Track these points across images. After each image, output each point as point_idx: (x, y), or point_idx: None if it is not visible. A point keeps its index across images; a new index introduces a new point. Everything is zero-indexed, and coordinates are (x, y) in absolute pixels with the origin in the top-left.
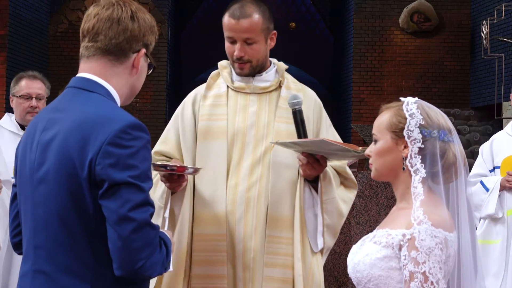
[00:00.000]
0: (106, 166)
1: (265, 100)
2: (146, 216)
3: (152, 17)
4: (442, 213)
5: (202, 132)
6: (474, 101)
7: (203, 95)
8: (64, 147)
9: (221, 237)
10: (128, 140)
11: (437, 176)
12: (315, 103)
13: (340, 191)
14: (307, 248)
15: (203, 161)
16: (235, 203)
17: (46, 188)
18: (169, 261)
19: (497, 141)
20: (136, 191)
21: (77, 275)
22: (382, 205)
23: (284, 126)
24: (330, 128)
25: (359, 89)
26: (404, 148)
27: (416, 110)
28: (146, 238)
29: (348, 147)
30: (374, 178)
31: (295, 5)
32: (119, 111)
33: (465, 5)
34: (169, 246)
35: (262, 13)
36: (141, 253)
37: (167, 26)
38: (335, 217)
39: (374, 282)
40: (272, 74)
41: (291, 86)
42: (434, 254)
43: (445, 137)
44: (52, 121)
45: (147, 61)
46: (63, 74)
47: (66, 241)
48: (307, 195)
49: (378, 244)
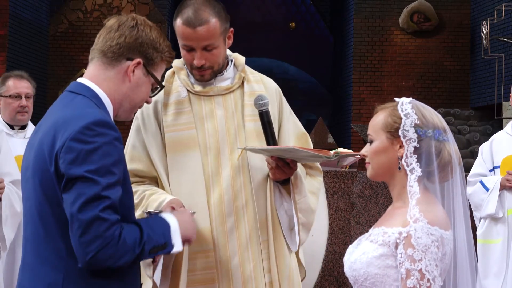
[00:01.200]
0: (66, 161)
1: (231, 100)
2: (95, 213)
3: (163, 40)
4: (438, 211)
5: (170, 144)
6: (474, 101)
7: (164, 103)
8: (40, 145)
9: (208, 253)
10: (91, 136)
11: (432, 175)
12: (275, 92)
13: (307, 183)
14: (284, 249)
15: (176, 175)
16: (223, 215)
17: (30, 185)
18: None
19: (497, 141)
20: (91, 185)
21: (53, 266)
22: (382, 205)
23: (253, 124)
24: (290, 116)
25: (359, 89)
26: (399, 148)
27: (411, 110)
28: (95, 232)
29: (319, 153)
30: (370, 178)
31: (295, 5)
32: (91, 109)
33: (465, 5)
34: (154, 226)
35: (218, 15)
36: (89, 246)
37: (167, 26)
38: (308, 214)
39: (371, 280)
40: (231, 71)
41: (250, 79)
42: (430, 251)
43: (440, 136)
44: (41, 123)
45: (147, 75)
46: (63, 74)
47: (44, 233)
48: (277, 196)
49: (374, 243)
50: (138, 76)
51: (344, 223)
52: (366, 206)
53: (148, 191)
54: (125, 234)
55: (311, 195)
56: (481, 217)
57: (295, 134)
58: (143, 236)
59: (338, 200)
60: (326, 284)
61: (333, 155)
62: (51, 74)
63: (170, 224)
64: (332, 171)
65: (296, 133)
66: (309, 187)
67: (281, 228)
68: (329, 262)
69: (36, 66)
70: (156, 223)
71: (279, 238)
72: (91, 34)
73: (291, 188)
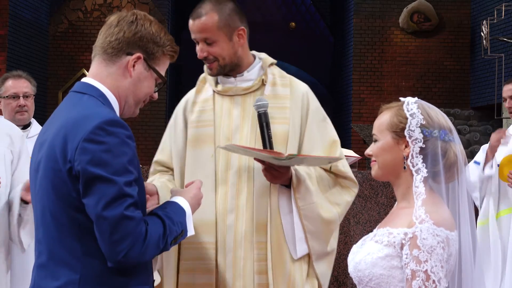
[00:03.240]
0: (82, 162)
1: (249, 102)
2: (120, 211)
3: (164, 34)
4: (443, 212)
5: (191, 139)
6: (474, 101)
7: (193, 101)
8: (51, 147)
9: (210, 245)
10: (103, 136)
11: (438, 175)
12: (302, 98)
13: (331, 194)
14: (285, 255)
15: (192, 169)
16: (226, 211)
17: (41, 186)
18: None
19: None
20: (111, 185)
21: (69, 266)
22: (382, 205)
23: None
24: (322, 123)
25: (359, 89)
26: (405, 148)
27: (416, 110)
28: (123, 231)
29: (270, 155)
30: (375, 178)
31: (295, 5)
32: (100, 108)
33: (465, 5)
34: (173, 217)
35: (219, 11)
36: (120, 245)
37: (167, 26)
38: (318, 223)
39: (376, 281)
40: (255, 72)
41: (277, 82)
42: (436, 252)
43: (446, 136)
44: (48, 124)
45: (149, 70)
46: (63, 74)
47: (57, 234)
48: (285, 201)
49: (379, 243)
50: (139, 71)
51: (344, 223)
52: (366, 206)
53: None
54: (150, 229)
55: (330, 205)
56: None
57: (322, 142)
58: (166, 230)
59: None
60: None
61: (287, 157)
62: (51, 74)
63: (186, 210)
64: None
65: (323, 141)
66: (331, 196)
67: (284, 232)
68: None
69: (36, 66)
70: (174, 213)
71: (278, 242)
72: (91, 34)
73: (292, 192)
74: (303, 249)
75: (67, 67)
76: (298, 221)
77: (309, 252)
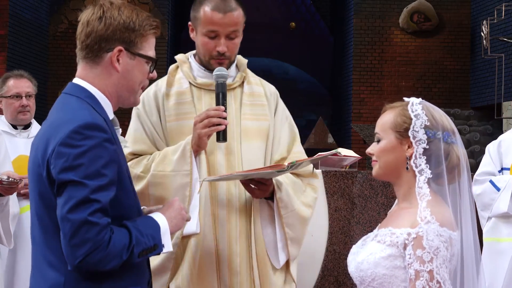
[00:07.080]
0: (56, 166)
1: (230, 97)
2: (83, 216)
3: (137, 15)
4: (445, 212)
5: (173, 133)
6: (474, 101)
7: (165, 93)
8: (36, 150)
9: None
10: (79, 140)
11: (440, 177)
12: (273, 97)
13: (305, 195)
14: (267, 265)
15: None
16: (217, 206)
17: (30, 188)
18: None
19: (505, 142)
20: (80, 188)
21: (56, 268)
22: (382, 205)
23: (251, 123)
24: (285, 122)
25: (359, 89)
26: (408, 148)
27: (421, 111)
28: (84, 236)
29: (270, 170)
30: (376, 177)
31: (295, 5)
32: (81, 112)
33: (465, 5)
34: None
35: (242, 6)
36: (79, 250)
37: (167, 26)
38: (297, 227)
39: (378, 281)
40: (233, 70)
41: (251, 81)
42: (441, 253)
43: (449, 138)
44: (42, 126)
45: (135, 58)
46: (63, 74)
47: (44, 236)
48: (267, 212)
49: (382, 243)
50: (125, 63)
51: (344, 223)
52: (366, 206)
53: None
54: (114, 238)
55: (305, 207)
56: (489, 216)
57: (287, 144)
58: (132, 240)
59: (338, 200)
60: (326, 284)
61: (288, 166)
62: (51, 74)
63: (160, 224)
64: (332, 171)
65: (287, 143)
66: (305, 199)
67: (265, 246)
68: (329, 262)
69: (36, 66)
70: (145, 225)
71: (261, 255)
72: None
73: (275, 201)
74: (283, 258)
75: (67, 67)
76: (280, 230)
77: (288, 258)
